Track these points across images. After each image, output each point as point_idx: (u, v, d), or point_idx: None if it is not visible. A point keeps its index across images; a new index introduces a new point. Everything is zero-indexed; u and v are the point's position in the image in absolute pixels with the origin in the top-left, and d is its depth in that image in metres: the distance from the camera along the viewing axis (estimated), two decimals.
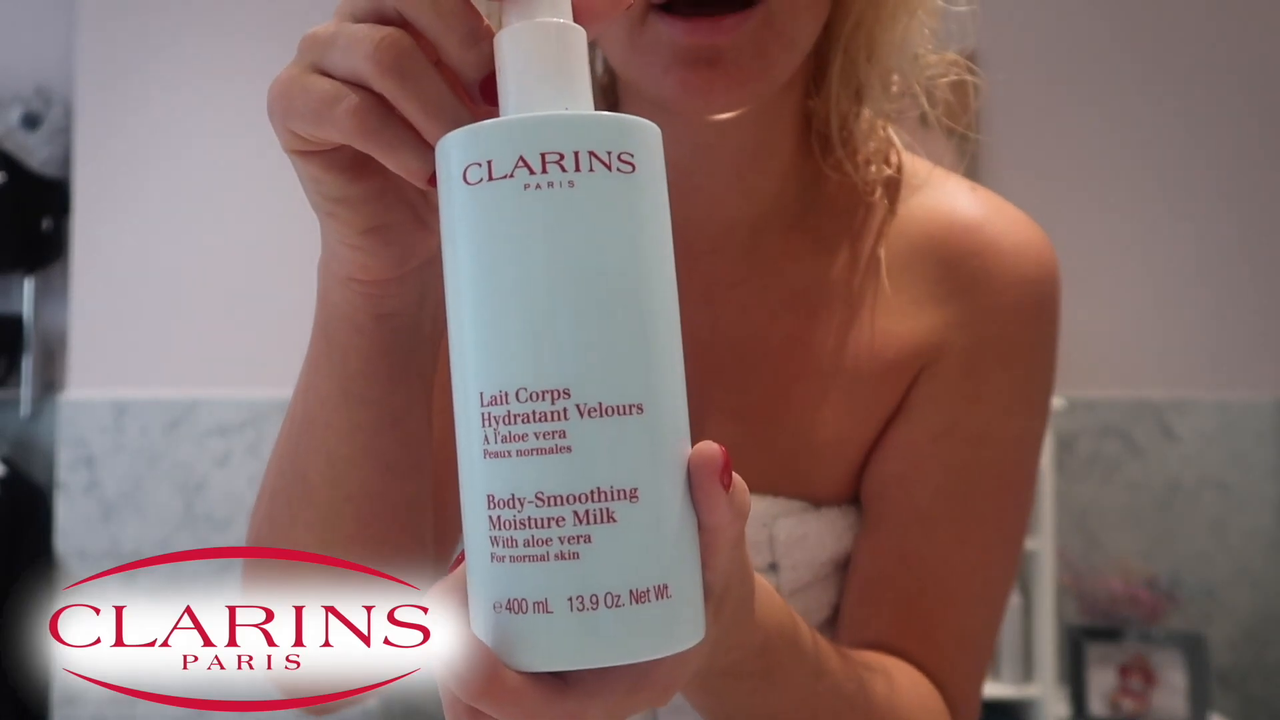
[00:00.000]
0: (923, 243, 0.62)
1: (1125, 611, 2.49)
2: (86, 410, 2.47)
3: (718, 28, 0.49)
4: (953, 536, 0.59)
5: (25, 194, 2.58)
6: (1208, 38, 2.96)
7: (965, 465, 0.60)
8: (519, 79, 0.38)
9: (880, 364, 0.60)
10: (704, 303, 0.61)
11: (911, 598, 0.59)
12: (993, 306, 0.62)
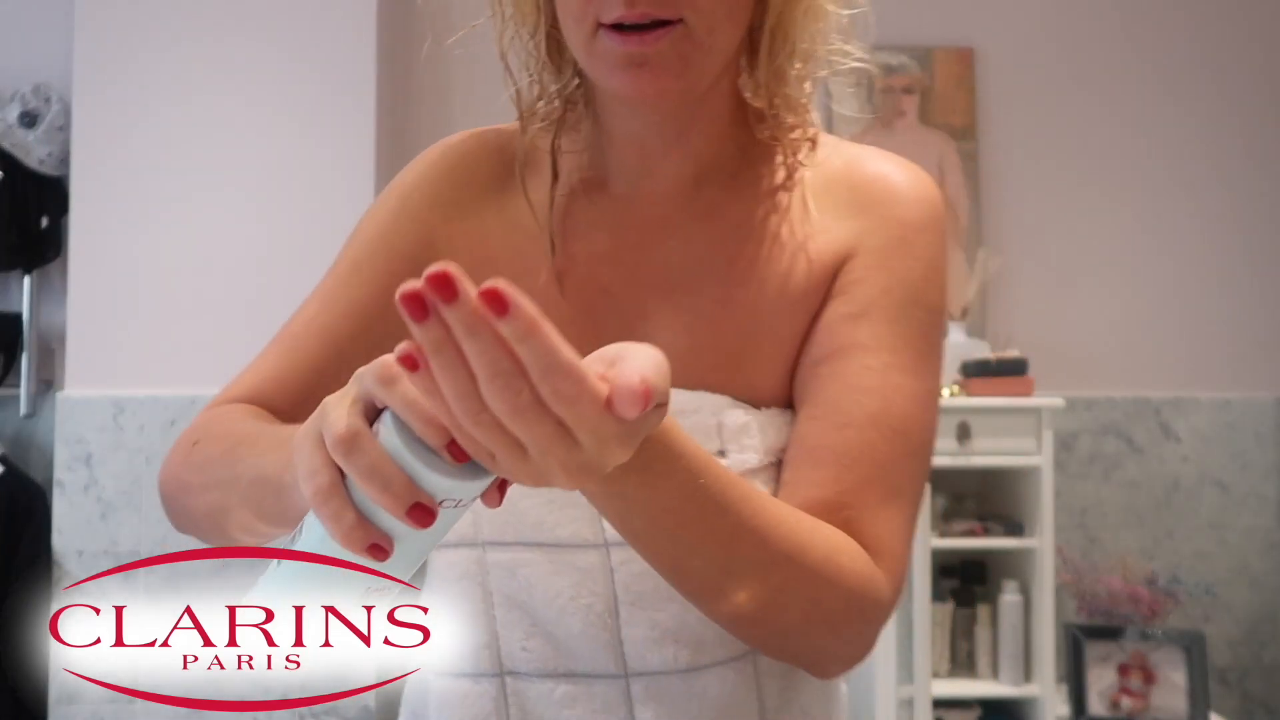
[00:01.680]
0: (835, 177, 0.77)
1: (1125, 610, 2.49)
2: (84, 408, 2.46)
3: (644, 40, 0.67)
4: (878, 398, 0.70)
5: (23, 192, 2.57)
6: (1209, 38, 2.95)
7: (882, 340, 0.71)
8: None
9: (807, 271, 0.74)
10: (657, 241, 0.76)
11: (840, 460, 0.69)
12: (895, 216, 0.75)
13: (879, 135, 2.85)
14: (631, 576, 0.70)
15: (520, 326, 0.43)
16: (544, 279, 0.77)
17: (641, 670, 0.71)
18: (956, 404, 2.39)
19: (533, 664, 0.72)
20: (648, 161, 0.77)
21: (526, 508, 0.71)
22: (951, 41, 2.90)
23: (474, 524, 0.72)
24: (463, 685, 0.73)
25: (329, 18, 2.55)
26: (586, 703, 0.71)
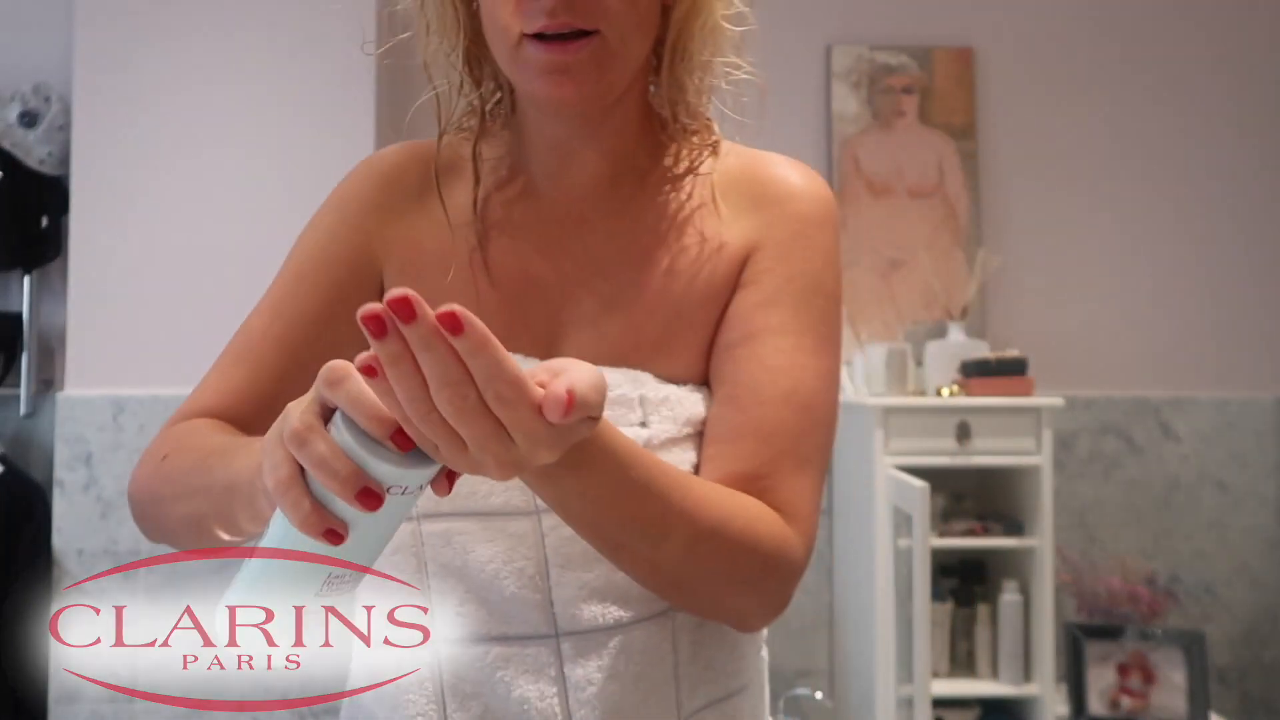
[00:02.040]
0: (738, 177, 0.84)
1: (1124, 609, 2.50)
2: (84, 407, 2.46)
3: (566, 49, 0.74)
4: (787, 376, 0.78)
5: (23, 192, 2.57)
6: (1208, 38, 2.95)
7: (788, 324, 0.79)
8: None
9: (717, 263, 0.82)
10: (578, 235, 0.84)
11: (757, 435, 0.76)
12: (794, 212, 0.82)
13: (879, 135, 2.85)
14: (561, 540, 0.75)
15: (472, 343, 0.51)
16: (473, 273, 0.83)
17: (571, 629, 0.76)
18: (956, 403, 2.39)
19: (465, 629, 0.76)
20: (567, 162, 0.84)
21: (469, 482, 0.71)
22: (951, 41, 2.90)
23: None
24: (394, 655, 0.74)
25: (329, 16, 2.55)
26: (519, 663, 0.76)
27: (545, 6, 0.73)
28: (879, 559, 2.33)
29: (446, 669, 0.76)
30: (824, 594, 2.80)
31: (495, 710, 0.76)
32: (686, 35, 0.81)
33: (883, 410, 2.37)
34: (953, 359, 2.53)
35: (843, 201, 2.83)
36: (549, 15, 0.73)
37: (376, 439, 0.55)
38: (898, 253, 2.82)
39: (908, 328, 2.72)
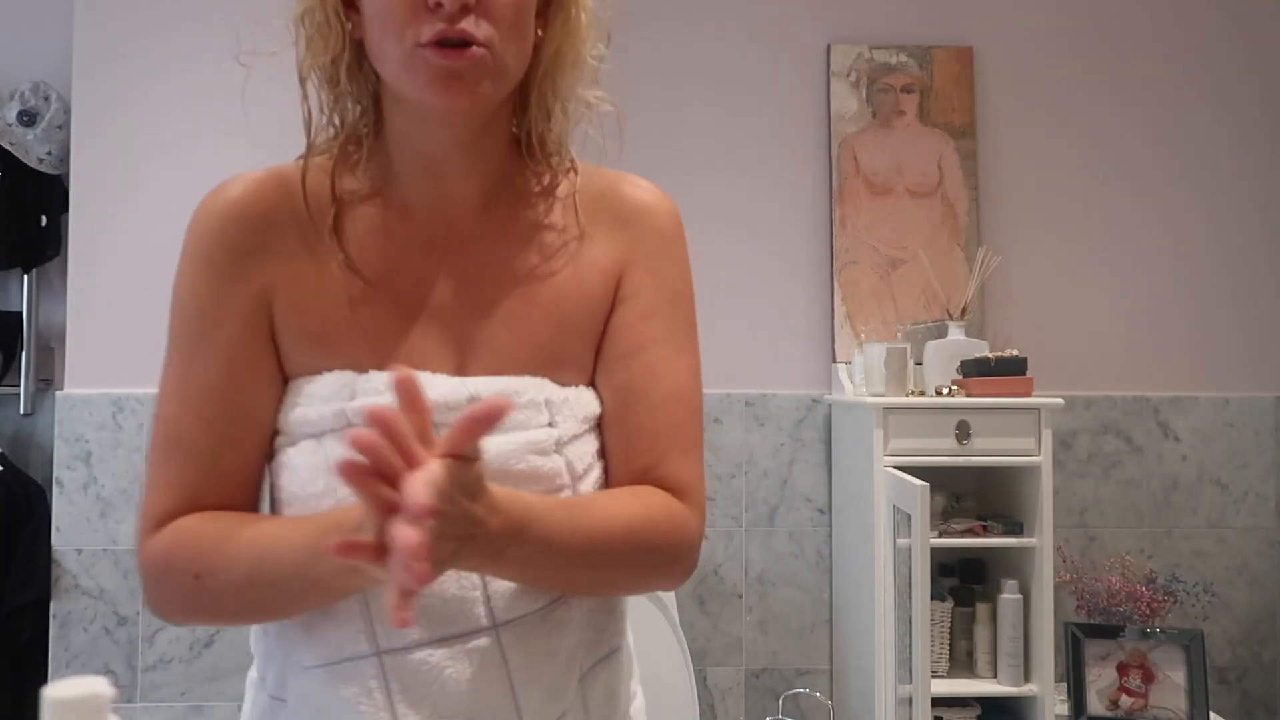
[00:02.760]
0: (598, 199, 0.93)
1: (1124, 609, 2.50)
2: (83, 406, 2.46)
3: (461, 56, 0.79)
4: (669, 379, 0.90)
5: (22, 191, 2.57)
6: (1207, 37, 2.95)
7: (665, 333, 0.91)
8: None
9: (593, 278, 0.91)
10: (461, 253, 0.90)
11: (650, 435, 0.89)
12: (652, 228, 0.93)
13: (878, 134, 2.85)
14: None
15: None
16: (364, 301, 0.87)
17: (508, 619, 0.84)
18: (956, 403, 2.39)
19: (408, 638, 0.82)
20: (444, 182, 0.89)
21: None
22: (951, 41, 2.90)
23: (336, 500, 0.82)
24: (342, 670, 0.83)
25: None
26: (465, 658, 0.83)
27: (445, 14, 0.78)
28: (878, 558, 2.33)
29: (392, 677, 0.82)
30: (823, 593, 2.80)
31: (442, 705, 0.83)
32: (555, 69, 0.88)
33: (882, 410, 2.37)
34: (952, 358, 2.53)
35: (842, 200, 2.83)
36: (448, 21, 0.78)
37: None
38: (897, 252, 2.82)
39: (907, 327, 2.72)
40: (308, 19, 0.87)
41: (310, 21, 0.87)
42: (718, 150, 2.84)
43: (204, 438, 0.86)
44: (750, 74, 2.88)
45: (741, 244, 2.78)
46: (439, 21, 0.79)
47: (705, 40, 2.89)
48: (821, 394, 2.79)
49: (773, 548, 2.80)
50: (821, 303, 2.84)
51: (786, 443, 2.80)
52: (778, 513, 2.80)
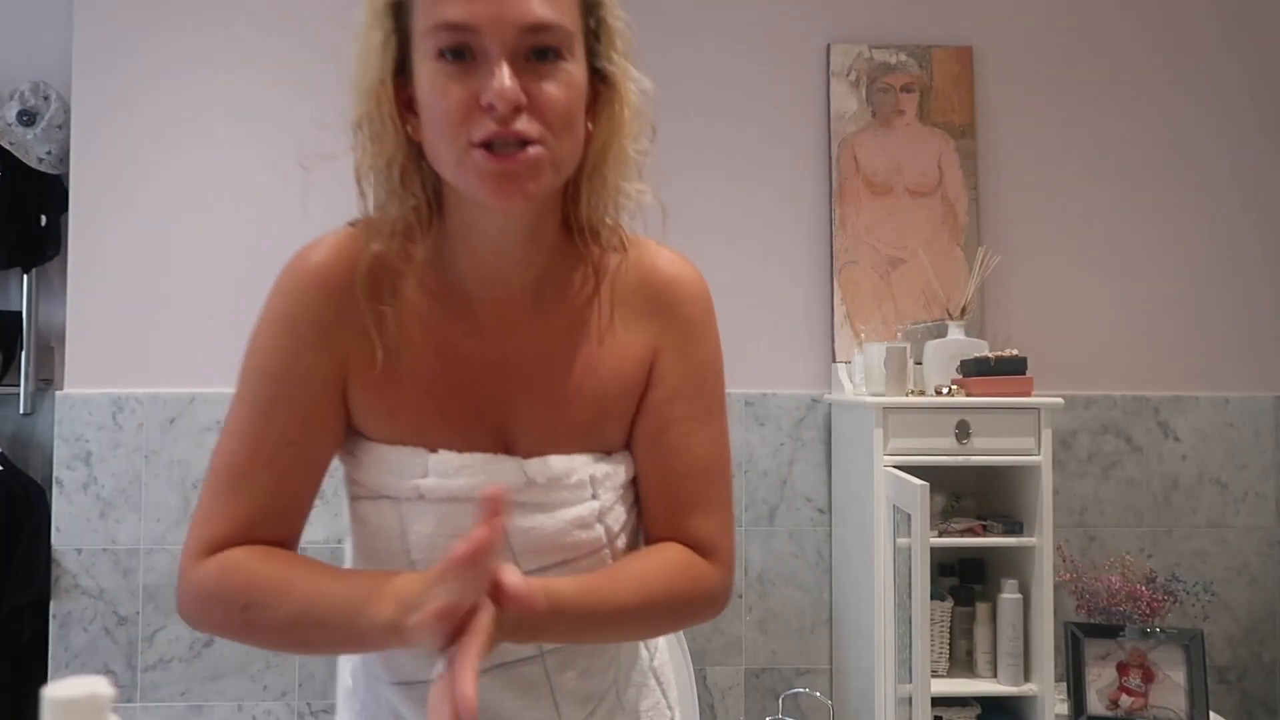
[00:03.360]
0: (636, 287, 1.00)
1: (1124, 608, 2.50)
2: (83, 406, 2.46)
3: (514, 160, 0.83)
4: (691, 453, 1.00)
5: (22, 190, 2.57)
6: (1207, 36, 2.95)
7: (689, 411, 1.01)
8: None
9: (627, 363, 0.99)
10: (513, 337, 0.97)
11: (678, 502, 1.01)
12: (683, 315, 1.01)
13: (878, 133, 2.85)
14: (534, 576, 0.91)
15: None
16: (428, 380, 0.95)
17: (552, 648, 0.99)
18: (955, 403, 2.39)
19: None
20: (500, 269, 0.95)
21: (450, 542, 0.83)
22: (950, 40, 2.90)
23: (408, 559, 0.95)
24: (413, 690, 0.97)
25: (329, 15, 2.55)
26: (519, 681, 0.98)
27: (498, 116, 0.82)
28: (878, 558, 2.33)
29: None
30: (823, 593, 2.80)
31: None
32: (602, 163, 0.93)
33: (882, 409, 2.37)
34: (952, 358, 2.53)
35: (841, 200, 2.83)
36: (501, 123, 0.82)
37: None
38: (897, 252, 2.82)
39: (907, 327, 2.72)
40: (365, 124, 0.91)
41: (369, 125, 0.91)
42: (717, 150, 2.84)
43: (270, 483, 0.93)
44: (750, 74, 2.88)
45: (741, 244, 2.78)
46: (492, 122, 0.83)
47: (705, 40, 2.89)
48: (821, 394, 2.79)
49: (772, 547, 2.80)
50: (821, 302, 2.84)
51: (786, 442, 2.80)
52: (777, 512, 2.80)
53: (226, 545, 0.91)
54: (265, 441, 0.93)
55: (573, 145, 0.89)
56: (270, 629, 0.89)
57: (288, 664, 2.45)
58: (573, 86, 0.87)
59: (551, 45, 0.85)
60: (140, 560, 2.44)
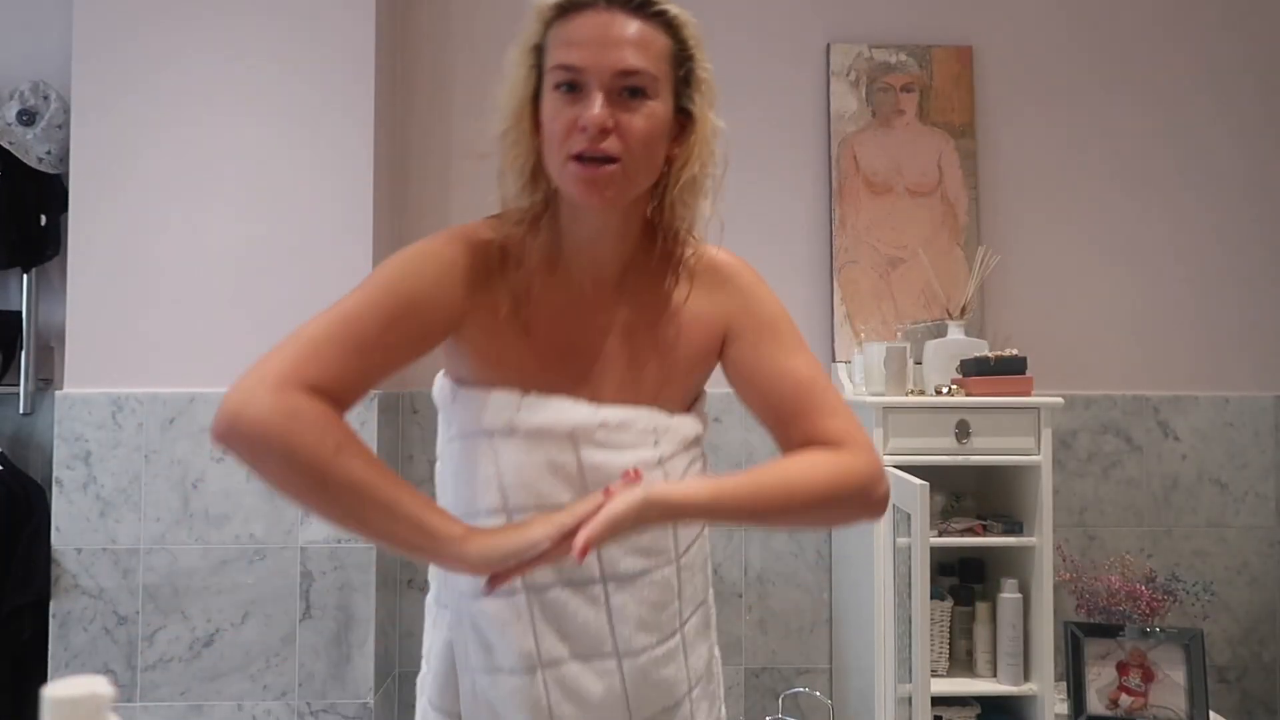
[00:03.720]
0: (701, 273, 1.22)
1: (1124, 608, 2.50)
2: (83, 406, 2.46)
3: (597, 171, 1.07)
4: (792, 375, 1.19)
5: (22, 190, 2.57)
6: (1207, 36, 2.95)
7: (775, 348, 1.20)
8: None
9: (697, 332, 1.21)
10: (604, 311, 1.19)
11: (804, 415, 1.17)
12: (742, 284, 1.24)
13: (878, 133, 2.85)
14: None
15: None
16: (530, 337, 1.15)
17: (613, 575, 1.15)
18: (955, 402, 2.39)
19: (547, 580, 1.13)
20: (594, 256, 1.18)
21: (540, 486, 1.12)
22: (950, 40, 2.90)
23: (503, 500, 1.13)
24: (498, 601, 1.13)
25: (329, 16, 2.54)
26: (583, 598, 1.15)
27: (587, 137, 1.06)
28: (878, 558, 2.33)
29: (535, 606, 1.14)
30: (823, 593, 2.80)
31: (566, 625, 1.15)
32: (680, 180, 1.14)
33: (882, 409, 2.37)
34: (952, 358, 2.53)
35: (841, 200, 2.83)
36: (590, 141, 1.06)
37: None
38: (897, 251, 2.82)
39: (907, 326, 2.72)
40: (508, 135, 1.13)
41: (510, 136, 1.13)
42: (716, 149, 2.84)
43: (372, 353, 1.06)
44: (750, 73, 2.88)
45: (741, 243, 2.76)
46: (584, 139, 1.06)
47: (705, 39, 2.89)
48: None
49: (772, 547, 2.80)
50: (821, 302, 2.84)
51: None
52: None
53: (318, 390, 1.02)
54: (372, 329, 1.06)
55: (648, 165, 1.12)
56: (347, 481, 0.98)
57: (288, 664, 2.45)
58: (653, 119, 1.10)
59: (639, 86, 1.08)
60: (140, 560, 2.44)
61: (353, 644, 2.47)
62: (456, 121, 2.87)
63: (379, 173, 2.58)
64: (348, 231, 2.50)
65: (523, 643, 1.13)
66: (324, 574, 2.46)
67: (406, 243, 1.16)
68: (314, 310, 1.08)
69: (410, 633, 2.78)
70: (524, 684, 1.14)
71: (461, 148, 2.86)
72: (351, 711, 2.46)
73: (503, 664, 1.15)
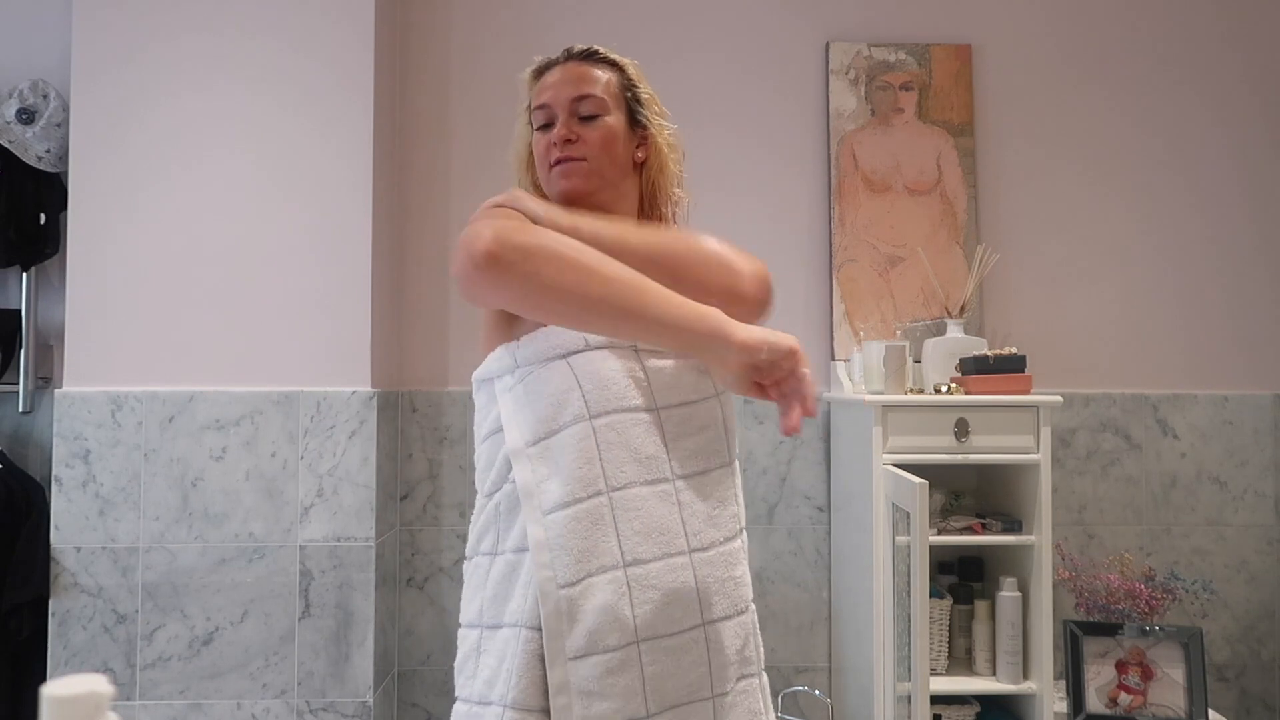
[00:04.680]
0: None
1: (1123, 606, 2.50)
2: (82, 404, 2.46)
3: (571, 164, 1.38)
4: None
5: (21, 188, 2.57)
6: (1206, 34, 2.95)
7: None
8: None
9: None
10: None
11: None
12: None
13: (877, 131, 2.85)
14: (672, 425, 1.28)
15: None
16: None
17: (681, 474, 1.27)
18: (954, 401, 2.39)
19: (625, 480, 1.24)
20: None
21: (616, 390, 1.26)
22: (950, 38, 2.90)
23: (586, 406, 1.24)
24: (580, 507, 1.22)
25: (328, 14, 2.54)
26: (658, 495, 1.25)
27: (559, 148, 1.38)
28: (877, 556, 2.33)
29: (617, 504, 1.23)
30: (822, 591, 2.80)
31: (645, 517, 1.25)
32: (650, 181, 1.47)
33: (881, 407, 2.37)
34: (951, 356, 2.53)
35: (840, 198, 2.83)
36: (561, 151, 1.38)
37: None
38: (896, 250, 2.82)
39: (906, 325, 2.72)
40: (521, 181, 1.48)
41: (517, 158, 1.49)
42: (716, 148, 2.84)
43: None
44: (749, 72, 2.88)
45: (740, 241, 2.77)
46: (558, 150, 1.38)
47: (704, 38, 2.89)
48: (820, 392, 2.79)
49: (772, 545, 2.80)
50: (820, 300, 2.84)
51: (786, 441, 2.80)
52: (776, 510, 2.81)
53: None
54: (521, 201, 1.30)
55: (610, 162, 1.40)
56: (602, 269, 1.17)
57: (287, 662, 2.45)
58: (607, 130, 1.40)
59: (592, 112, 1.40)
60: (139, 558, 2.44)
61: (352, 642, 2.47)
62: (456, 122, 2.87)
63: (378, 172, 2.58)
64: (347, 231, 2.50)
65: (606, 543, 1.22)
66: (323, 572, 2.47)
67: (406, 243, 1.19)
68: (313, 309, 1.09)
69: (410, 631, 2.79)
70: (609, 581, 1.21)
71: (460, 149, 2.86)
72: (350, 710, 2.46)
73: (589, 568, 1.22)
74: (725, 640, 1.28)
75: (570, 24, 2.87)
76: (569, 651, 1.20)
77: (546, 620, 1.20)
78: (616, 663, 1.19)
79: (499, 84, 2.85)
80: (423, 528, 2.80)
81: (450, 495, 2.81)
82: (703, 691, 1.24)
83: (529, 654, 1.21)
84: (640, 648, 1.20)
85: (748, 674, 1.35)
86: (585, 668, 1.19)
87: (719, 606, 1.27)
